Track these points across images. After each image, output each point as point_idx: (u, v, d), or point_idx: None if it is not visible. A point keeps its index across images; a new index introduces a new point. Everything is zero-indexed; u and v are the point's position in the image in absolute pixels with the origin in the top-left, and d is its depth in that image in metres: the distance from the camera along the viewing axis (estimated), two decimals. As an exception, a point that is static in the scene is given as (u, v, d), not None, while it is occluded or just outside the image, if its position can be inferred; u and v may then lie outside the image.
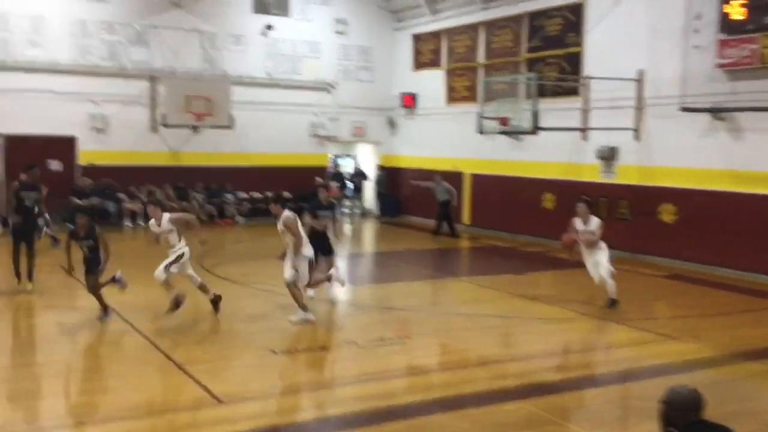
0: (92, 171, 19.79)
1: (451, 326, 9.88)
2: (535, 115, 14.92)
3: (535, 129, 15.10)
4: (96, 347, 8.56)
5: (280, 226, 9.49)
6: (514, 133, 17.14)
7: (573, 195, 17.13)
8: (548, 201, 18.03)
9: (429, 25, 22.21)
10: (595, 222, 10.87)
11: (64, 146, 19.62)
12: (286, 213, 9.44)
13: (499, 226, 19.44)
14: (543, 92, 16.33)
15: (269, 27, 21.58)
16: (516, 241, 17.68)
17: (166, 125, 19.86)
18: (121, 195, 19.92)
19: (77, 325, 9.34)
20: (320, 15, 22.67)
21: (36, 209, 11.61)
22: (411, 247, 17.96)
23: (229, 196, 21.40)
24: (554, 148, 17.43)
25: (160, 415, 6.53)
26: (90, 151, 19.89)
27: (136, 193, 20.10)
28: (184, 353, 8.19)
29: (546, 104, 15.82)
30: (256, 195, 21.89)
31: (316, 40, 22.62)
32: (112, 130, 20.01)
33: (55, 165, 19.58)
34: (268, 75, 21.93)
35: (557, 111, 16.43)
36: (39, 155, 19.06)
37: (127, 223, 19.63)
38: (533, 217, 18.19)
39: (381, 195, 24.01)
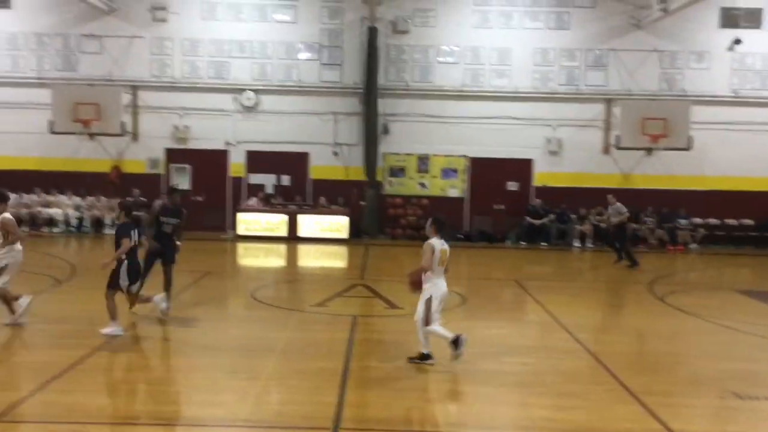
0: (544, 191, 20.62)
1: None
2: None
3: None
4: (549, 362, 8.72)
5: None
6: None
7: None
8: None
9: None
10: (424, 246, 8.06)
11: (521, 168, 20.84)
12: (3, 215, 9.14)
13: None
14: None
15: (737, 41, 19.88)
16: None
17: (619, 147, 19.70)
18: (572, 216, 20.32)
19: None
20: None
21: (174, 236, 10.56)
22: None
23: (683, 221, 20.21)
24: None
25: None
26: (544, 173, 20.78)
27: (585, 214, 20.32)
28: (639, 381, 7.82)
29: None
30: (713, 221, 20.33)
31: (793, 51, 20.14)
32: (566, 152, 20.62)
33: (512, 186, 20.95)
34: (733, 92, 20.23)
35: None
36: (498, 177, 20.79)
37: (576, 243, 19.95)
38: None
39: None
